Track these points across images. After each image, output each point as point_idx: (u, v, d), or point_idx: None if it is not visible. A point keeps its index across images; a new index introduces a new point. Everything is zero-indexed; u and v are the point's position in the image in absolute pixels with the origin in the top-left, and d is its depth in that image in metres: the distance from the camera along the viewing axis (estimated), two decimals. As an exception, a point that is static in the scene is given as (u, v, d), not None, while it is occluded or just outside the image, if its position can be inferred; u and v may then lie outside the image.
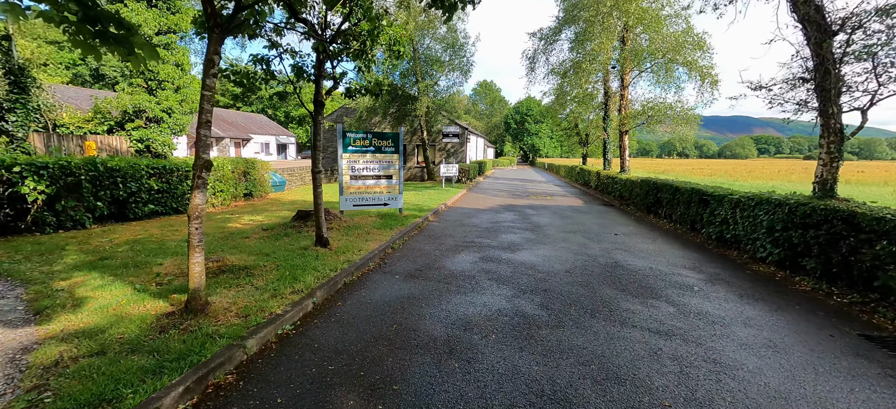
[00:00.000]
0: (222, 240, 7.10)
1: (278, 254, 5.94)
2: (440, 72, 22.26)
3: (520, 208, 14.04)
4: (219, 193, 12.34)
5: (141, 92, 13.11)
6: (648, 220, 11.94)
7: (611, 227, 10.56)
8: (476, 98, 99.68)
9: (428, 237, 8.46)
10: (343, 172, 9.90)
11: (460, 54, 22.23)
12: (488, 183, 26.12)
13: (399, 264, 6.33)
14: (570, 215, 12.69)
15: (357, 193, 10.12)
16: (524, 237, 8.80)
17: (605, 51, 15.86)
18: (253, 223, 9.03)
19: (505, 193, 19.13)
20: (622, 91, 16.53)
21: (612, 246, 8.15)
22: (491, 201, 15.65)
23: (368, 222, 9.17)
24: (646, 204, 12.97)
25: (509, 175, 37.14)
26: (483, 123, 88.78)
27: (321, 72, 6.16)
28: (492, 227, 10.01)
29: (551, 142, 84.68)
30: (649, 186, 12.62)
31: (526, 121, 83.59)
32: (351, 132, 9.93)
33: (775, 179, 33.86)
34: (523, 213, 12.78)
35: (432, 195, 16.45)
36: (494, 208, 13.64)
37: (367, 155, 10.18)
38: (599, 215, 12.80)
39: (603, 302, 4.89)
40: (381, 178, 10.43)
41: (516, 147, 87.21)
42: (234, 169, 13.65)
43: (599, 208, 14.70)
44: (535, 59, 18.83)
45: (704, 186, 9.91)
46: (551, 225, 10.57)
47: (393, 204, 10.58)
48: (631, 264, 6.70)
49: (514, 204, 15.08)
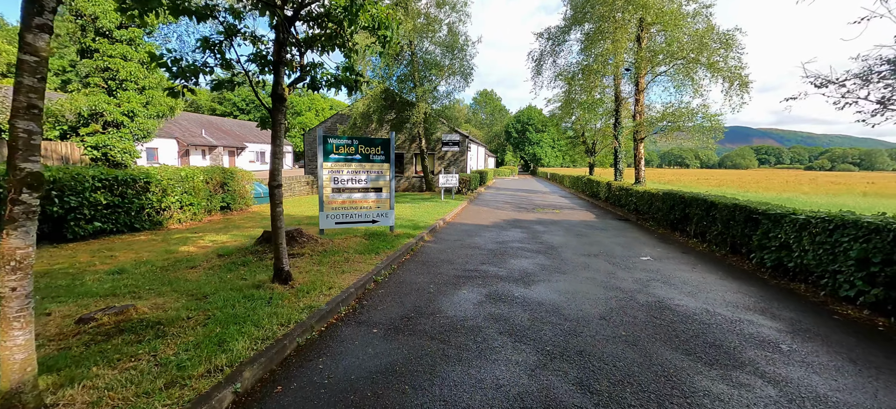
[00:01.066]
0: (160, 272, 5.62)
1: (218, 296, 4.46)
2: (440, 76, 20.98)
3: (527, 223, 12.57)
4: (187, 208, 10.88)
5: (99, 93, 11.75)
6: (674, 239, 10.47)
7: (635, 248, 9.08)
8: (476, 107, 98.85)
9: (422, 264, 6.98)
10: (324, 184, 8.46)
11: (460, 57, 20.96)
12: (490, 194, 24.69)
13: (381, 307, 4.84)
14: (584, 232, 11.22)
15: (340, 208, 8.66)
16: (538, 263, 7.32)
17: (619, 51, 14.55)
18: (212, 246, 7.55)
19: (509, 206, 17.68)
20: (637, 96, 15.19)
21: (647, 275, 6.67)
22: (495, 216, 14.19)
23: (352, 243, 7.70)
24: (669, 220, 11.51)
25: (511, 185, 35.72)
26: (483, 133, 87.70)
27: (281, 57, 4.75)
28: (498, 249, 8.53)
29: (553, 151, 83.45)
30: (674, 200, 11.17)
31: (527, 130, 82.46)
32: (334, 138, 8.50)
33: (789, 190, 32.48)
34: (532, 230, 11.31)
35: (430, 209, 15.00)
36: (499, 224, 12.17)
37: (353, 164, 8.75)
38: (617, 232, 11.33)
39: (666, 376, 3.40)
40: (369, 191, 8.98)
41: (517, 156, 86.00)
42: (209, 179, 12.22)
43: (615, 223, 13.24)
44: (541, 60, 17.56)
45: (747, 201, 8.45)
46: (567, 246, 9.09)
47: (383, 221, 9.12)
48: (680, 306, 5.22)
49: (521, 219, 13.61)
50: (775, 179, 51.57)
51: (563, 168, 76.14)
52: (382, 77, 21.22)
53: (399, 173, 26.93)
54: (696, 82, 14.10)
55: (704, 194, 10.07)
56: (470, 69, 21.57)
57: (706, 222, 9.40)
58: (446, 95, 22.79)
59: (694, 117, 13.26)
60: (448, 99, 22.66)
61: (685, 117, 13.38)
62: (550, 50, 16.94)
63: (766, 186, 38.46)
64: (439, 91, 22.76)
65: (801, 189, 34.85)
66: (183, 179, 10.70)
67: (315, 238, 7.39)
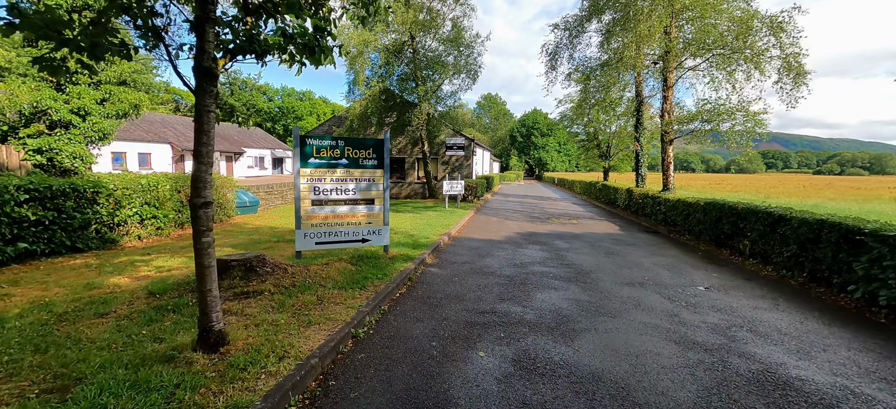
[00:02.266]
0: (52, 325, 3.99)
1: (94, 384, 2.81)
2: (444, 75, 19.39)
3: (545, 237, 10.87)
4: (149, 221, 9.29)
5: (43, 86, 10.19)
6: (724, 258, 8.74)
7: (683, 272, 7.36)
8: (481, 111, 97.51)
9: (422, 302, 5.32)
10: (301, 194, 6.83)
11: (466, 54, 19.36)
12: (498, 201, 23.00)
13: (356, 393, 3.18)
14: (614, 248, 9.51)
15: (323, 225, 7.03)
16: (572, 298, 5.63)
17: (642, 44, 12.89)
18: (154, 275, 5.93)
19: (520, 215, 16.00)
20: (665, 92, 13.51)
21: (723, 318, 4.96)
22: (506, 228, 12.50)
23: (333, 272, 6.04)
24: (714, 235, 9.78)
25: (518, 191, 34.02)
26: (488, 137, 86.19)
27: (208, 11, 3.14)
28: (517, 275, 6.85)
29: (559, 156, 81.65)
30: (722, 212, 9.45)
31: (532, 134, 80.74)
32: (314, 138, 6.89)
33: (812, 196, 30.59)
34: (552, 247, 9.61)
35: (433, 220, 13.34)
36: (513, 239, 10.49)
37: (338, 170, 7.12)
38: (652, 248, 9.61)
39: None
40: (359, 203, 7.34)
41: (522, 161, 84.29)
42: (179, 188, 10.65)
43: (644, 236, 11.51)
44: (556, 54, 15.95)
45: (834, 215, 6.71)
46: (600, 269, 7.39)
47: (375, 240, 7.46)
48: (801, 379, 3.51)
49: (536, 231, 11.92)
50: (790, 184, 49.48)
51: (570, 173, 74.29)
52: (381, 76, 19.67)
53: (400, 179, 25.34)
54: (734, 76, 12.40)
55: (764, 206, 8.35)
56: (477, 67, 19.97)
57: (771, 240, 7.67)
58: (451, 95, 21.19)
59: (734, 116, 11.56)
60: (453, 99, 21.07)
61: (723, 116, 11.68)
62: (567, 42, 15.34)
63: (783, 191, 36.54)
64: (443, 91, 21.18)
65: (824, 195, 32.93)
66: (144, 188, 9.13)
67: (284, 266, 5.74)
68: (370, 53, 18.95)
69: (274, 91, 74.79)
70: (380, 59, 19.82)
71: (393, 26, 18.90)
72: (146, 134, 35.67)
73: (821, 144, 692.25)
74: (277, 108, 72.86)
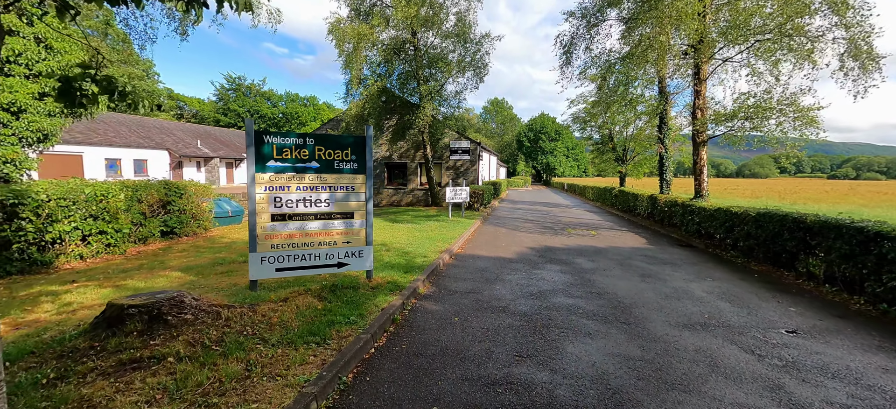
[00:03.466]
0: None
1: None
2: (447, 74, 17.91)
3: (563, 253, 9.23)
4: (95, 238, 7.85)
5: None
6: (788, 282, 7.04)
7: (750, 305, 5.69)
8: (487, 116, 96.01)
9: (404, 367, 3.73)
10: (256, 207, 5.31)
11: (473, 51, 17.87)
12: (506, 209, 21.38)
13: None
14: (649, 268, 7.84)
15: (287, 246, 5.50)
16: (616, 352, 4.01)
17: (667, 33, 11.26)
18: (40, 322, 4.41)
19: (532, 225, 14.36)
20: (698, 87, 11.85)
21: (856, 399, 3.31)
22: (517, 242, 10.88)
23: (288, 313, 4.48)
24: (770, 252, 8.08)
25: (527, 198, 32.33)
26: (494, 142, 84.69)
27: None
28: (537, 312, 5.23)
29: (567, 161, 79.75)
30: (782, 225, 7.74)
31: (540, 139, 78.99)
32: (273, 134, 5.37)
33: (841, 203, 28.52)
34: (575, 266, 7.97)
35: (434, 232, 11.76)
36: (526, 256, 8.87)
37: (307, 176, 5.60)
38: (696, 269, 7.92)
39: None
40: (334, 217, 5.80)
41: (529, 166, 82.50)
42: (142, 197, 9.24)
43: (679, 252, 9.82)
44: (572, 47, 14.36)
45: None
46: (642, 301, 5.75)
47: (355, 264, 5.91)
48: None
49: (553, 246, 10.28)
50: (810, 190, 47.07)
51: (579, 178, 72.36)
52: (380, 75, 18.24)
53: (402, 186, 23.86)
54: (779, 67, 10.70)
55: (847, 219, 6.64)
56: (483, 66, 18.47)
57: (861, 263, 5.96)
58: (455, 96, 19.70)
59: (785, 112, 9.85)
60: (457, 100, 19.57)
61: (771, 113, 9.96)
62: (584, 32, 13.75)
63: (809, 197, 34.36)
64: (447, 91, 19.70)
65: (853, 201, 30.78)
66: (88, 198, 7.69)
67: (217, 308, 4.16)
68: (367, 50, 17.54)
69: (278, 97, 74.10)
70: (378, 58, 18.42)
71: (393, 22, 17.52)
72: (143, 140, 34.70)
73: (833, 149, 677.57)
74: (281, 113, 72.08)
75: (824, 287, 6.67)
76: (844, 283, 6.35)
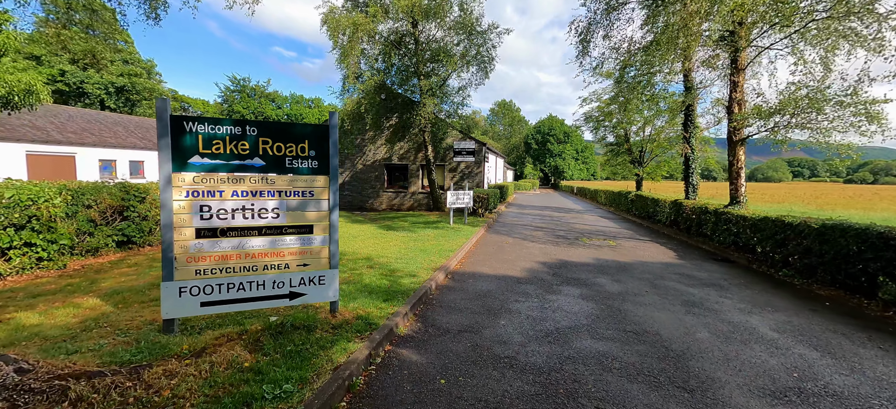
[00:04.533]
0: None
1: None
2: (450, 67, 16.49)
3: (582, 270, 7.71)
4: (18, 252, 6.55)
5: None
6: (873, 313, 5.46)
7: (844, 352, 4.15)
8: (494, 118, 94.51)
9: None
10: (173, 219, 3.92)
11: (478, 43, 16.45)
12: (513, 214, 19.86)
13: None
14: (691, 293, 6.31)
15: (218, 271, 4.10)
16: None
17: (694, 22, 9.71)
18: None
19: (542, 234, 12.85)
20: (735, 77, 10.28)
21: None
22: (526, 253, 9.39)
23: (196, 377, 3.08)
24: (840, 274, 6.50)
25: (536, 201, 30.74)
26: (502, 144, 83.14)
27: None
28: (557, 368, 3.76)
29: (576, 164, 77.83)
30: (863, 240, 6.16)
31: (548, 141, 77.18)
32: (199, 120, 3.98)
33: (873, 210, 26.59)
34: (599, 289, 6.46)
35: (430, 242, 10.33)
36: (538, 275, 7.37)
37: (248, 178, 4.20)
38: (749, 294, 6.36)
39: None
40: (286, 232, 4.39)
41: (537, 169, 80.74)
42: (91, 201, 7.95)
43: (718, 269, 8.24)
44: (588, 34, 12.85)
45: None
46: (698, 349, 4.24)
47: (313, 294, 4.48)
48: None
49: (568, 260, 8.77)
50: (834, 195, 44.70)
51: (589, 181, 70.47)
52: (378, 70, 16.90)
53: (403, 189, 22.47)
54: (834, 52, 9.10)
55: None
56: (489, 59, 17.04)
57: None
58: (458, 92, 18.27)
59: (844, 105, 8.25)
60: (461, 96, 18.14)
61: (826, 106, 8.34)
62: (602, 18, 12.23)
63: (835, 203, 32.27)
64: (450, 86, 18.29)
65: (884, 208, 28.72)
66: (8, 204, 6.39)
67: (61, 384, 2.75)
68: (364, 43, 16.21)
69: (283, 98, 73.40)
70: (376, 51, 17.08)
71: (392, 12, 16.18)
72: (140, 141, 33.80)
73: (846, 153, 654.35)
74: (286, 115, 71.33)
75: (931, 325, 5.09)
76: None
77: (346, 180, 22.84)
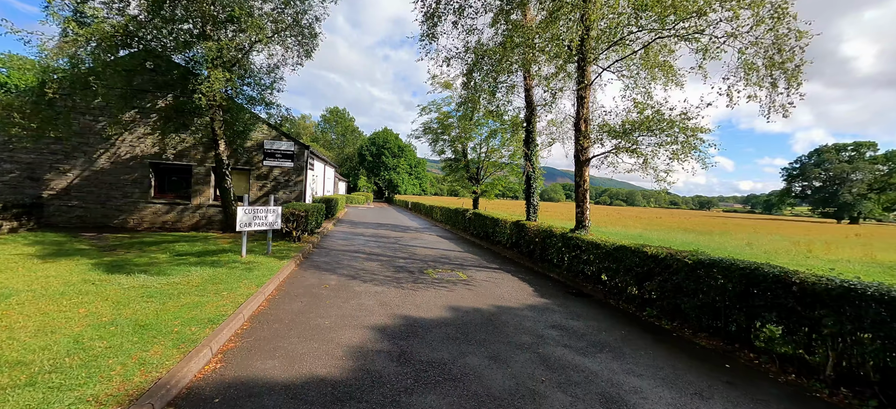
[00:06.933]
0: None
1: None
2: (254, 34, 11.74)
3: (440, 342, 4.84)
4: None
5: None
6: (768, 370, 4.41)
7: None
8: (326, 126, 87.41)
9: None
10: None
11: (296, 6, 12.27)
12: (343, 234, 16.13)
13: None
14: (592, 372, 4.18)
15: None
16: None
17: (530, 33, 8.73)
18: None
19: (379, 266, 9.70)
20: (583, 91, 9.69)
21: None
22: (355, 313, 5.99)
23: None
24: (715, 318, 5.61)
25: (370, 217, 27.59)
26: (334, 154, 77.27)
27: None
28: None
29: (410, 178, 78.82)
30: (753, 281, 5.26)
31: (383, 154, 75.62)
32: None
33: (622, 226, 33.95)
34: (479, 393, 3.63)
35: (180, 300, 5.76)
36: (372, 369, 4.08)
37: None
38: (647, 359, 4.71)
39: None
40: None
41: (371, 182, 78.21)
42: None
43: (578, 308, 6.78)
44: (436, 17, 10.58)
45: None
46: None
47: None
48: None
49: (418, 318, 5.81)
50: (597, 215, 57.93)
51: (423, 197, 72.00)
52: (118, 9, 10.64)
53: (182, 201, 15.71)
54: (665, 78, 9.37)
55: (856, 281, 4.33)
56: (312, 35, 13.05)
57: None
58: (270, 72, 13.53)
59: (685, 128, 8.27)
60: (272, 78, 13.44)
61: (671, 127, 8.26)
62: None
63: (628, 224, 40.51)
64: (256, 64, 13.41)
65: (631, 225, 37.15)
66: None
67: None
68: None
69: None
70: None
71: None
72: None
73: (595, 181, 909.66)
74: None
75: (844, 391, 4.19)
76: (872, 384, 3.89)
77: (73, 184, 14.54)
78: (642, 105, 8.78)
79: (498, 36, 10.89)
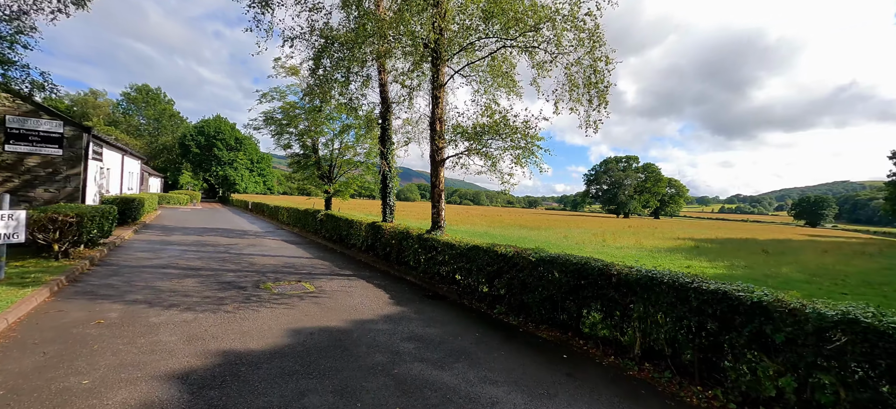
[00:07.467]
0: None
1: None
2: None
3: (269, 382, 3.76)
4: None
5: None
6: (599, 358, 5.02)
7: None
8: (130, 108, 68.33)
9: None
10: None
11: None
12: (147, 244, 12.46)
13: None
14: (450, 386, 3.89)
15: None
16: None
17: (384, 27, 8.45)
18: None
19: (195, 283, 7.59)
20: (438, 91, 9.62)
21: None
22: (140, 357, 4.27)
23: None
24: (555, 309, 6.14)
25: (194, 220, 22.57)
26: (144, 142, 61.45)
27: None
28: None
29: (251, 176, 68.89)
30: (583, 275, 5.84)
31: (215, 146, 63.69)
32: None
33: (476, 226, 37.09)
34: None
35: None
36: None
37: None
38: (500, 360, 4.74)
39: None
40: None
41: (199, 179, 65.34)
42: None
43: (433, 312, 6.69)
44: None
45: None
46: None
47: None
48: None
49: (241, 351, 4.51)
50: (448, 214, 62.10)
51: (267, 196, 63.84)
52: None
53: None
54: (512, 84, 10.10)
55: (670, 273, 5.19)
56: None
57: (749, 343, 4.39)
58: (10, 20, 9.30)
59: (526, 135, 8.97)
60: (15, 27, 9.25)
61: (514, 133, 8.85)
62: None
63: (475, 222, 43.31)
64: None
65: (481, 224, 40.77)
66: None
67: None
68: None
69: None
70: None
71: None
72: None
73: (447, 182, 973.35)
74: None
75: (648, 366, 4.94)
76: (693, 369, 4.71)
77: None
78: (492, 110, 9.21)
79: (350, 22, 9.97)
